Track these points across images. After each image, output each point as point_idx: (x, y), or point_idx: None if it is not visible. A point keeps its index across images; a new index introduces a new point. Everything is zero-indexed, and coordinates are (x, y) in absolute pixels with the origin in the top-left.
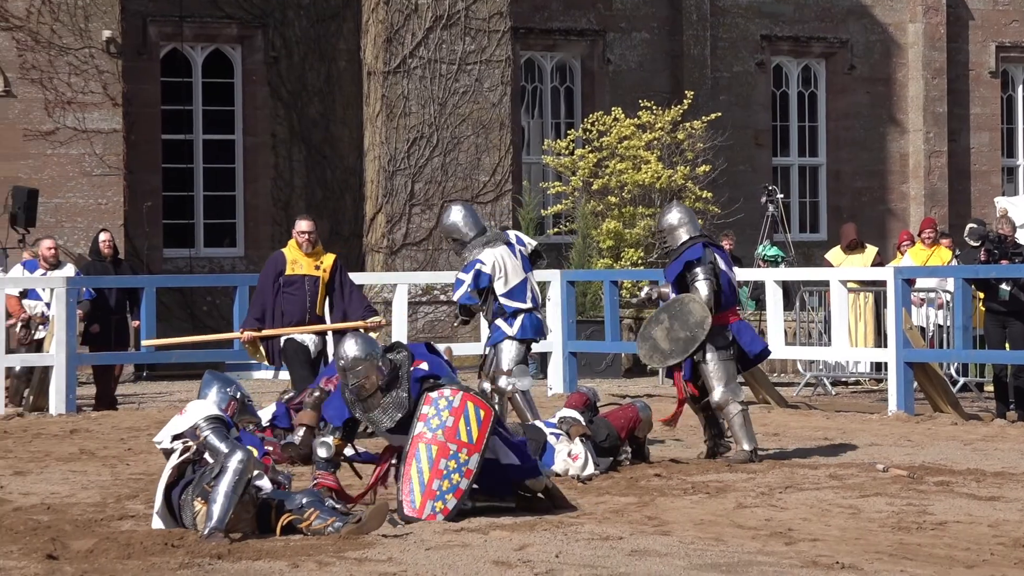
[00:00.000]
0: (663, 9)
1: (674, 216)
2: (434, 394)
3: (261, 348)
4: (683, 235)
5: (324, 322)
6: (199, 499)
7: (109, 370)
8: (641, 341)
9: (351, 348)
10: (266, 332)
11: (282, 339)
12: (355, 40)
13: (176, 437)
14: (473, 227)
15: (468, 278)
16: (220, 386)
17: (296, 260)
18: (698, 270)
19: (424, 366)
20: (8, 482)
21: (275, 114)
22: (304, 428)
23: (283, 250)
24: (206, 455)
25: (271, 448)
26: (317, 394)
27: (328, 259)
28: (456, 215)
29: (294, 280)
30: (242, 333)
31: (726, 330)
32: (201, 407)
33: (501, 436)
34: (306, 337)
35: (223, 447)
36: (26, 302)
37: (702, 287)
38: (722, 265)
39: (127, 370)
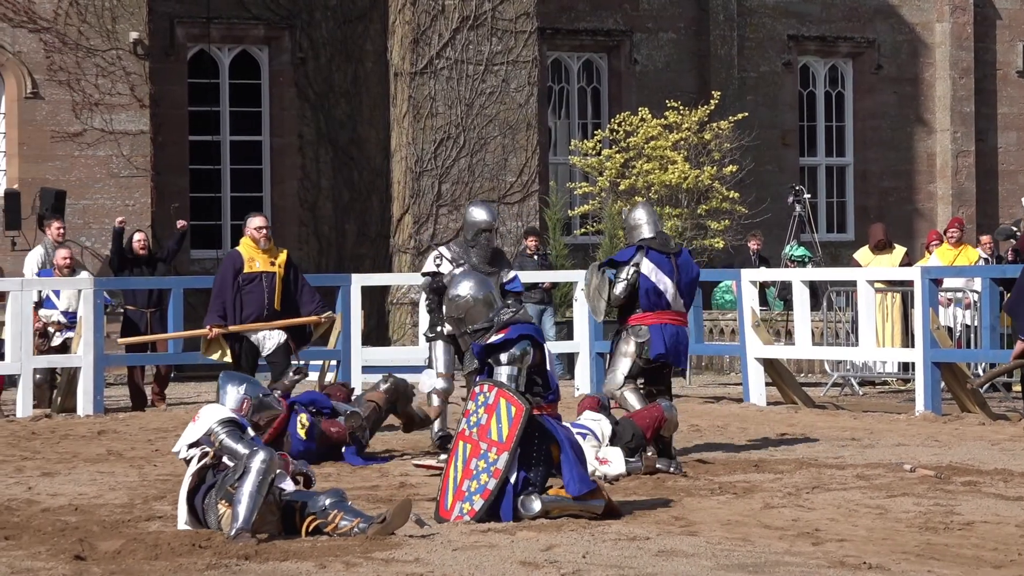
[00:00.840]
0: (690, 9)
1: (638, 215)
2: (476, 388)
3: (225, 345)
4: (642, 234)
5: (282, 318)
6: (223, 501)
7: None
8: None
9: (465, 288)
10: (232, 328)
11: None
12: (382, 41)
13: (192, 445)
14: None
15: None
16: (234, 386)
17: (253, 258)
18: (620, 271)
19: (500, 336)
20: (36, 483)
21: (302, 115)
22: (373, 405)
23: (238, 248)
24: (224, 459)
25: (336, 429)
26: (391, 382)
27: (282, 255)
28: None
29: (253, 277)
30: (210, 330)
31: (639, 329)
32: (213, 411)
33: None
34: (269, 333)
35: (240, 448)
36: (41, 311)
37: (616, 287)
38: (646, 270)
39: (147, 371)
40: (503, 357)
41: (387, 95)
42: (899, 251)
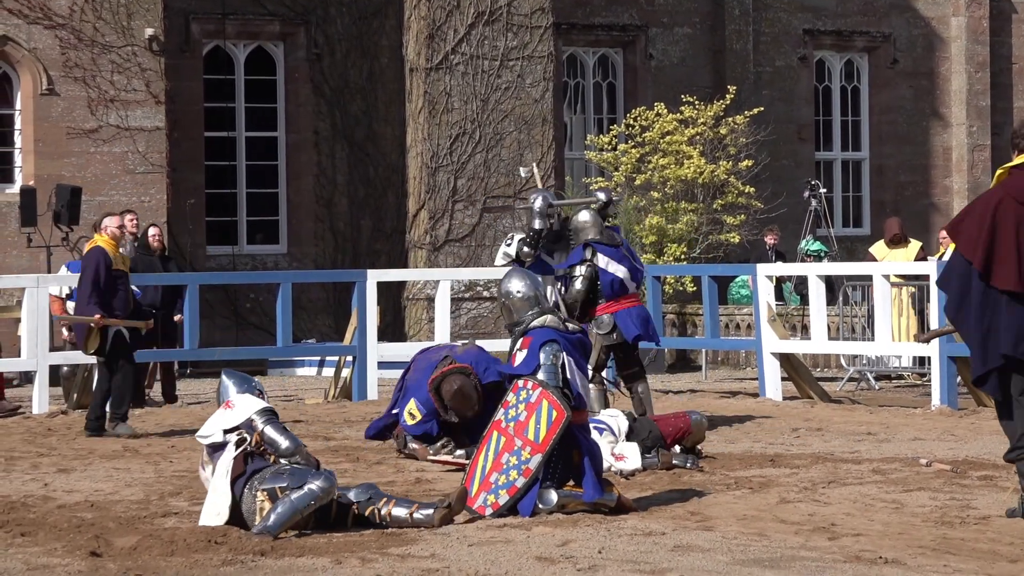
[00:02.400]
0: (705, 4)
1: (583, 218)
2: (520, 382)
3: (99, 338)
4: (588, 235)
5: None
6: (266, 495)
7: (170, 366)
8: None
9: (517, 285)
10: (110, 321)
11: (111, 331)
12: (397, 37)
13: (228, 431)
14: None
15: None
16: (242, 383)
17: (114, 256)
18: (575, 270)
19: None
20: (53, 479)
21: (318, 111)
22: None
23: (100, 245)
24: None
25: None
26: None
27: (128, 260)
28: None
29: (119, 275)
30: (100, 318)
31: (601, 320)
32: (250, 401)
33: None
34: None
35: (282, 440)
36: (72, 304)
37: (575, 284)
38: (602, 263)
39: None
40: (539, 374)
41: (402, 91)
42: (915, 245)
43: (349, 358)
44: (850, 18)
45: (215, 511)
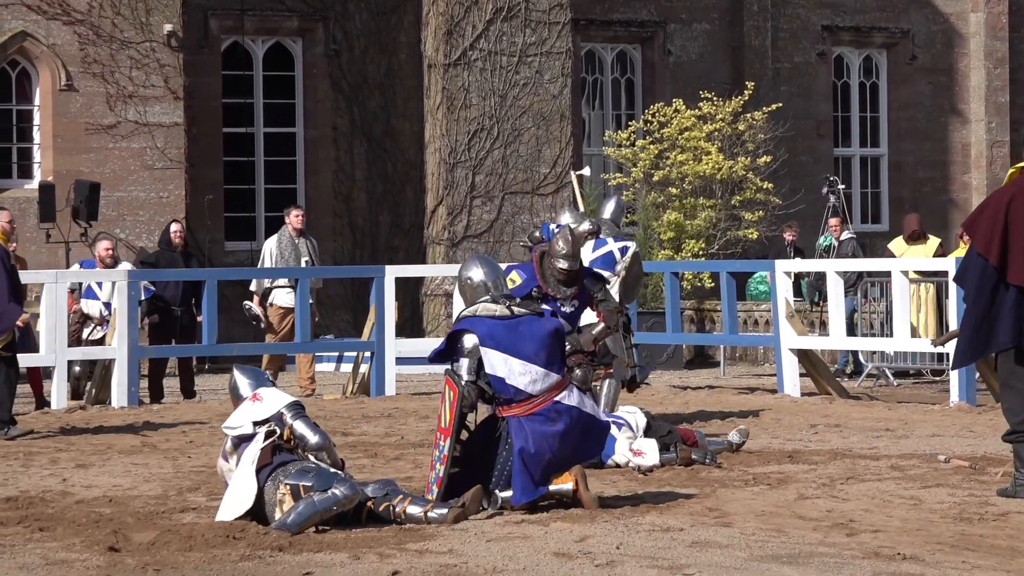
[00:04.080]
0: (724, 0)
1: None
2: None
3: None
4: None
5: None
6: (288, 490)
7: (188, 362)
8: None
9: (476, 273)
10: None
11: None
12: (415, 33)
13: (258, 424)
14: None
15: None
16: (255, 377)
17: (8, 248)
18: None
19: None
20: (71, 475)
21: (336, 107)
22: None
23: None
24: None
25: None
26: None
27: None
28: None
29: (15, 269)
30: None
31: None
32: (278, 395)
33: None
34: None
35: (311, 435)
36: (85, 301)
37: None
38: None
39: (170, 363)
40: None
41: (421, 87)
42: (933, 242)
43: (367, 354)
44: (869, 14)
45: (236, 498)
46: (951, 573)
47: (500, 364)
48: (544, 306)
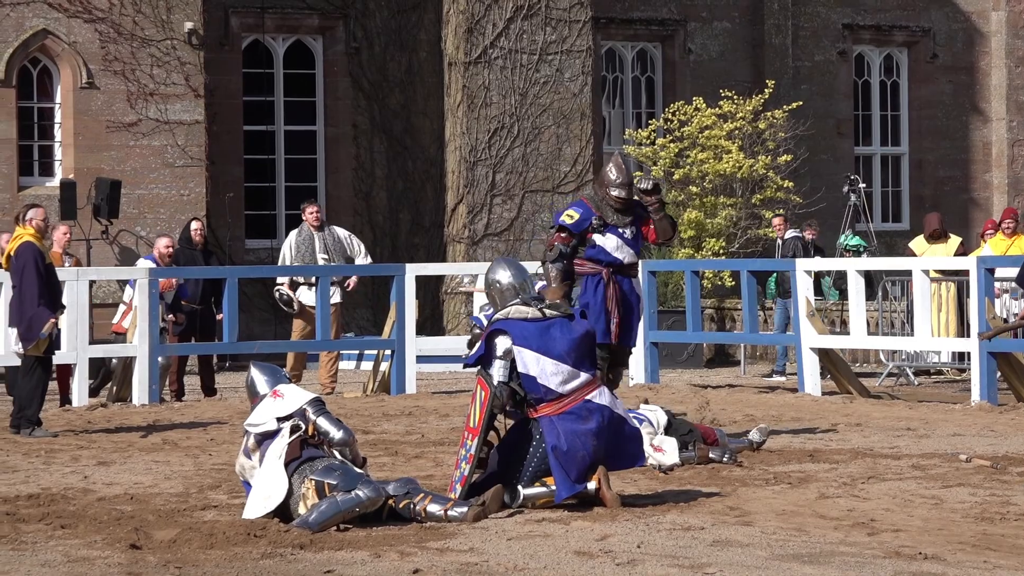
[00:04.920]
0: None
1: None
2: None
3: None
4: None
5: None
6: (313, 486)
7: (209, 359)
8: None
9: (504, 276)
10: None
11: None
12: (436, 31)
13: (282, 419)
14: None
15: None
16: (273, 374)
17: (44, 248)
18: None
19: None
20: (92, 472)
21: (356, 105)
22: None
23: (30, 240)
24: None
25: None
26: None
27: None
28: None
29: (51, 268)
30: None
31: None
32: (299, 392)
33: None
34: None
35: (334, 430)
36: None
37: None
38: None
39: (190, 360)
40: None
41: (441, 85)
42: (954, 240)
43: (388, 352)
44: (889, 12)
45: (265, 494)
46: (972, 573)
47: (533, 363)
48: (609, 233)
